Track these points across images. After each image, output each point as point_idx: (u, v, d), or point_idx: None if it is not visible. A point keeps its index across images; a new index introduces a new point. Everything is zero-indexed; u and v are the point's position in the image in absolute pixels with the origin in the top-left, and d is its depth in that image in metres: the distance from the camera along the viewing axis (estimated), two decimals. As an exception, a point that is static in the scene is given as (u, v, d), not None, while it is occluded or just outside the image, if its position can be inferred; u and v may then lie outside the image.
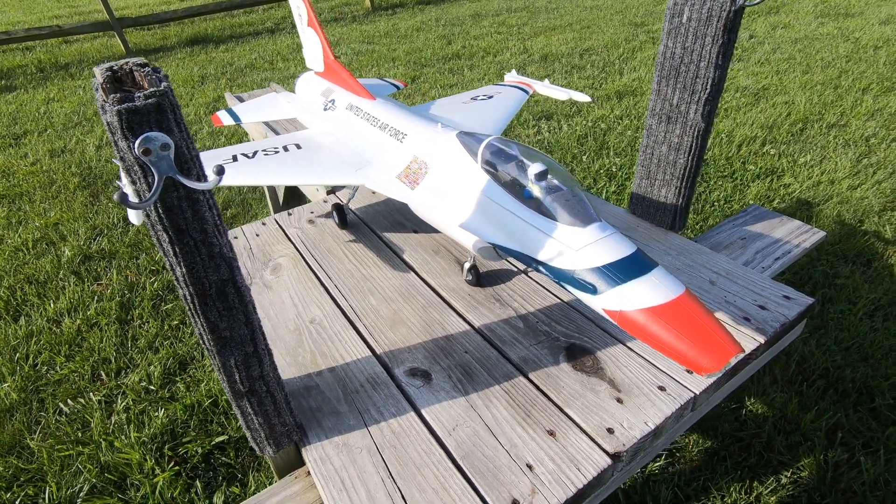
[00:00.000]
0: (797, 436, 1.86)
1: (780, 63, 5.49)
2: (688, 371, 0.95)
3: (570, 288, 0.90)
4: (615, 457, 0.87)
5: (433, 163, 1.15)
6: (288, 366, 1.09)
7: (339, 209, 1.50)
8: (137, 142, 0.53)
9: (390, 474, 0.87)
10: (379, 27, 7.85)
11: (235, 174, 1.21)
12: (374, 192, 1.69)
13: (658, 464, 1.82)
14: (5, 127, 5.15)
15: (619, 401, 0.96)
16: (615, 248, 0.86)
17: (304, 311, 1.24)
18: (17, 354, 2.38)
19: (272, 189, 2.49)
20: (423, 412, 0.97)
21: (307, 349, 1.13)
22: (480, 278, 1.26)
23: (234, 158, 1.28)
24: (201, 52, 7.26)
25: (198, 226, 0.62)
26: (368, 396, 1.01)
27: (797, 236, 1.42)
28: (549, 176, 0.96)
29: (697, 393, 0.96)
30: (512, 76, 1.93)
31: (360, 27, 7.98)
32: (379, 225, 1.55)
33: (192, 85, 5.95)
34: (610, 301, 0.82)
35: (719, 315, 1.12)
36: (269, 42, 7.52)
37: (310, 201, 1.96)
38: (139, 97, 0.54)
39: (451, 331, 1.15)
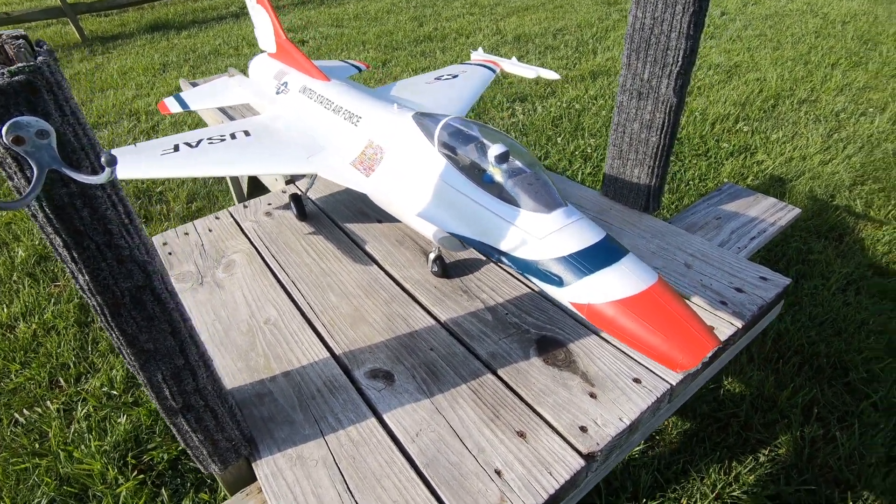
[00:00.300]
0: (774, 413, 1.85)
1: (752, 40, 5.49)
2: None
3: (535, 280, 0.83)
4: (589, 457, 0.81)
5: (389, 147, 1.06)
6: (239, 371, 1.01)
7: (297, 199, 1.40)
8: (4, 129, 0.44)
9: (348, 488, 0.80)
10: (348, 10, 7.62)
11: (174, 165, 1.11)
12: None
13: (638, 448, 1.79)
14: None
15: (593, 396, 0.90)
16: (582, 235, 0.79)
17: (259, 311, 1.16)
18: (-36, 364, 2.23)
19: (235, 179, 2.37)
20: (385, 417, 0.90)
21: (260, 352, 1.05)
22: (447, 269, 1.19)
23: (176, 148, 1.18)
24: (162, 38, 6.96)
25: (99, 227, 0.54)
26: (326, 402, 0.94)
27: (772, 214, 1.38)
28: (510, 158, 0.89)
29: (674, 384, 0.91)
30: (478, 55, 1.84)
31: (328, 10, 7.73)
32: (340, 215, 1.47)
33: (153, 73, 5.70)
34: (577, 293, 0.76)
35: (696, 300, 1.07)
36: (233, 27, 7.24)
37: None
38: (3, 74, 0.44)
39: (415, 327, 1.08)
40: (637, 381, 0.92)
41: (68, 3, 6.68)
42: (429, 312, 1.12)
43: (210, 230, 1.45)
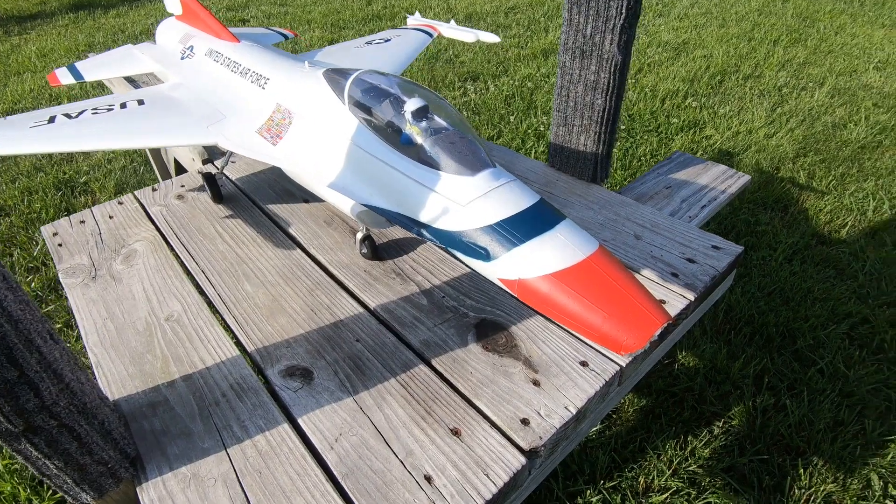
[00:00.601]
0: (727, 385, 1.84)
1: (698, 17, 5.55)
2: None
3: (460, 255, 0.72)
4: (531, 453, 0.72)
5: (298, 110, 0.92)
6: (130, 378, 0.86)
7: (211, 179, 1.24)
8: None
9: (251, 509, 0.68)
10: (292, -13, 7.25)
11: (45, 139, 0.93)
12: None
13: (595, 429, 1.75)
14: None
15: (536, 383, 0.81)
16: (512, 200, 0.68)
17: (161, 306, 1.00)
18: None
19: (160, 161, 2.15)
20: (300, 421, 0.78)
21: (158, 354, 0.90)
22: (377, 250, 1.07)
23: (51, 120, 0.99)
24: (87, 17, 6.43)
25: None
26: (231, 408, 0.81)
27: (723, 181, 1.32)
28: (429, 114, 0.77)
29: (623, 366, 0.82)
30: (415, 19, 1.70)
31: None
32: (263, 196, 1.31)
33: (76, 55, 5.25)
34: (506, 268, 0.65)
35: (646, 273, 0.99)
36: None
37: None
38: None
39: (340, 316, 0.96)
40: (584, 364, 0.83)
41: (-26, -21, 6.07)
42: (357, 299, 1.00)
43: (111, 217, 1.27)
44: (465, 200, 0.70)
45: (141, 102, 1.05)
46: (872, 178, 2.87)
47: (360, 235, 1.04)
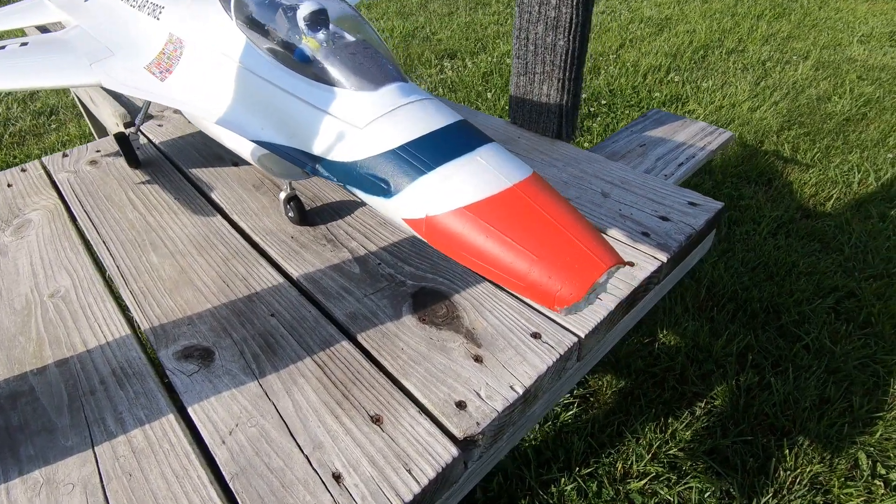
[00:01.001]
0: (710, 363, 1.74)
1: (682, -7, 5.43)
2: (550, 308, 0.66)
3: (359, 193, 0.58)
4: (466, 443, 0.59)
5: (188, 37, 0.77)
6: (-7, 364, 0.71)
7: (124, 141, 1.08)
8: None
9: (111, 522, 0.54)
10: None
11: None
12: (189, 122, 1.28)
13: (571, 412, 1.63)
14: None
15: (478, 360, 0.67)
16: (422, 120, 0.54)
17: (47, 282, 0.85)
18: None
19: (92, 118, 1.95)
20: (190, 411, 0.64)
21: (32, 336, 0.75)
22: (306, 214, 0.93)
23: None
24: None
25: None
26: (109, 398, 0.66)
27: (702, 138, 1.19)
28: (328, 22, 0.62)
29: (582, 336, 0.69)
30: None
31: None
32: (187, 160, 1.16)
33: None
34: (411, 204, 0.51)
35: (613, 233, 0.86)
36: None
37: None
38: None
39: (256, 288, 0.81)
40: (536, 336, 0.70)
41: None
42: (279, 269, 0.86)
43: (9, 185, 1.11)
44: (364, 121, 0.55)
45: (24, 45, 0.89)
46: (857, 151, 2.78)
47: (283, 195, 0.89)
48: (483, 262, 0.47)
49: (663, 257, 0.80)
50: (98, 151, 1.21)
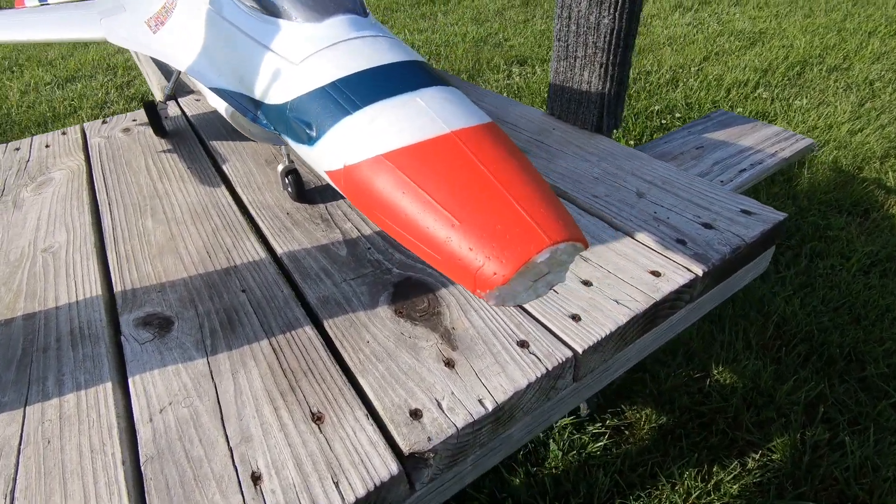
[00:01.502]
0: (770, 410, 1.50)
1: (781, 6, 5.01)
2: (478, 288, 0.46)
3: (291, 143, 0.50)
4: (414, 460, 0.49)
5: (183, -13, 0.73)
6: (-32, 311, 0.70)
7: (151, 109, 1.09)
8: None
9: (11, 492, 0.49)
10: (349, -27, 7.26)
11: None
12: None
13: (600, 444, 1.47)
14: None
15: (450, 364, 0.57)
16: (364, 56, 0.45)
17: (45, 236, 0.85)
18: None
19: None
20: (130, 382, 0.59)
21: (13, 288, 0.74)
22: (304, 189, 0.87)
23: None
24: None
25: None
26: (58, 357, 0.63)
27: (773, 144, 1.01)
28: None
29: (579, 351, 0.57)
30: None
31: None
32: (212, 132, 1.14)
33: (134, 29, 5.43)
34: (331, 151, 0.42)
35: (640, 237, 0.73)
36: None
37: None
38: None
39: (237, 262, 0.76)
40: (523, 344, 0.58)
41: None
42: (266, 244, 0.80)
43: (47, 146, 1.14)
44: (300, 56, 0.47)
45: (44, 3, 0.90)
46: (982, 185, 2.38)
47: (280, 168, 0.84)
48: (399, 225, 0.37)
49: (698, 270, 0.66)
50: (134, 121, 1.23)
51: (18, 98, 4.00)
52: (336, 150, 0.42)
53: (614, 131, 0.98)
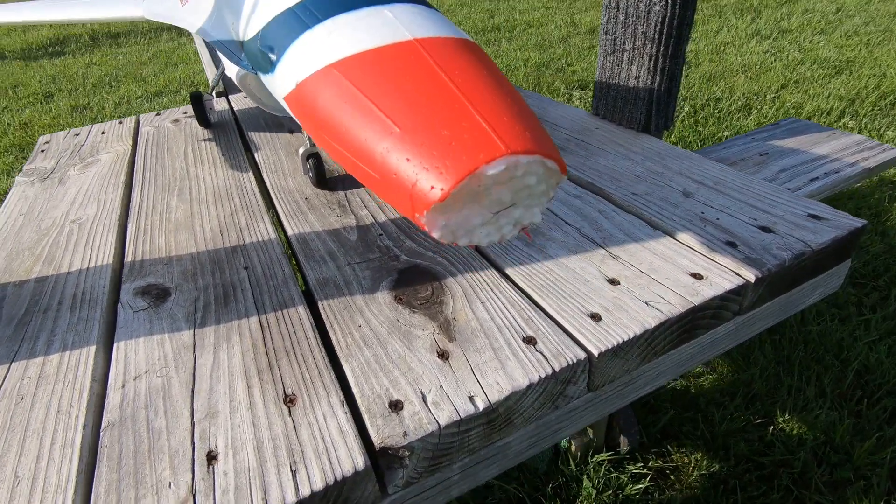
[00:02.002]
0: (846, 470, 1.30)
1: (873, 35, 4.65)
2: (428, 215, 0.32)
3: (261, 76, 0.45)
4: (386, 457, 0.42)
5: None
6: (-10, 271, 0.72)
7: (198, 101, 1.12)
8: None
9: (-27, 442, 0.47)
10: (420, 2, 7.52)
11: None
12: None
13: (640, 486, 1.33)
14: (42, 86, 5.23)
15: (444, 356, 0.50)
16: None
17: (77, 209, 0.87)
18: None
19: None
20: (115, 347, 0.56)
21: (37, 253, 0.76)
22: (324, 175, 0.84)
23: None
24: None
25: None
26: (55, 319, 0.62)
27: (854, 153, 0.88)
28: None
29: (595, 354, 0.49)
30: None
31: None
32: (252, 125, 1.16)
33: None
34: (287, 72, 0.37)
35: (682, 237, 0.63)
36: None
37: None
38: None
39: (246, 240, 0.74)
40: (529, 341, 0.51)
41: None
42: (280, 225, 0.77)
43: (103, 133, 1.20)
44: None
45: None
46: None
47: (302, 150, 0.82)
48: (338, 140, 0.32)
49: (750, 275, 0.56)
50: (185, 113, 1.27)
51: (113, 109, 4.39)
52: (291, 69, 0.37)
53: (664, 132, 0.89)
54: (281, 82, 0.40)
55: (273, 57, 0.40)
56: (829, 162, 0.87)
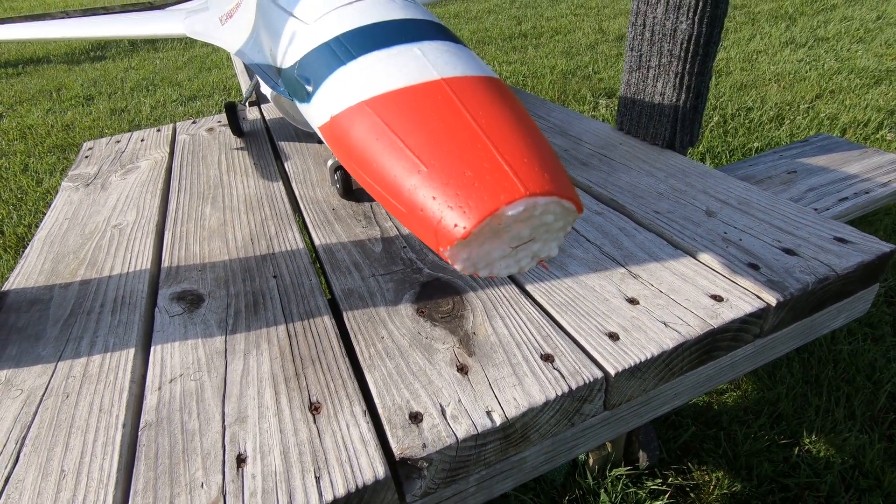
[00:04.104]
0: (876, 496, 1.27)
1: (916, 43, 4.50)
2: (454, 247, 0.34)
3: (297, 104, 0.48)
4: (405, 467, 0.44)
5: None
6: (40, 273, 0.76)
7: (232, 110, 1.16)
8: None
9: (23, 437, 0.50)
10: (449, 9, 7.58)
11: (45, 29, 0.91)
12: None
13: (659, 502, 1.32)
14: (83, 89, 5.45)
15: (463, 370, 0.52)
16: (377, 11, 0.42)
17: (119, 215, 0.91)
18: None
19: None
20: (152, 350, 0.60)
21: (81, 256, 0.80)
22: (351, 187, 0.86)
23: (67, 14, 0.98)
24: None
25: None
26: (97, 321, 0.66)
27: (888, 173, 0.87)
28: None
29: (612, 373, 0.49)
30: None
31: (431, 10, 7.78)
32: (283, 134, 1.20)
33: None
34: (322, 105, 0.39)
35: (703, 257, 0.64)
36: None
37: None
38: None
39: (275, 249, 0.77)
40: (547, 358, 0.52)
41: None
42: (308, 234, 0.80)
43: (142, 140, 1.26)
44: (315, 16, 0.45)
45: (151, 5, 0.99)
46: None
47: (330, 162, 0.85)
48: (369, 174, 0.34)
49: (772, 299, 0.56)
50: (219, 122, 1.32)
51: (149, 112, 4.55)
52: (326, 102, 0.40)
53: (689, 149, 0.88)
54: (317, 113, 0.42)
55: (309, 88, 0.43)
56: (860, 181, 0.86)
